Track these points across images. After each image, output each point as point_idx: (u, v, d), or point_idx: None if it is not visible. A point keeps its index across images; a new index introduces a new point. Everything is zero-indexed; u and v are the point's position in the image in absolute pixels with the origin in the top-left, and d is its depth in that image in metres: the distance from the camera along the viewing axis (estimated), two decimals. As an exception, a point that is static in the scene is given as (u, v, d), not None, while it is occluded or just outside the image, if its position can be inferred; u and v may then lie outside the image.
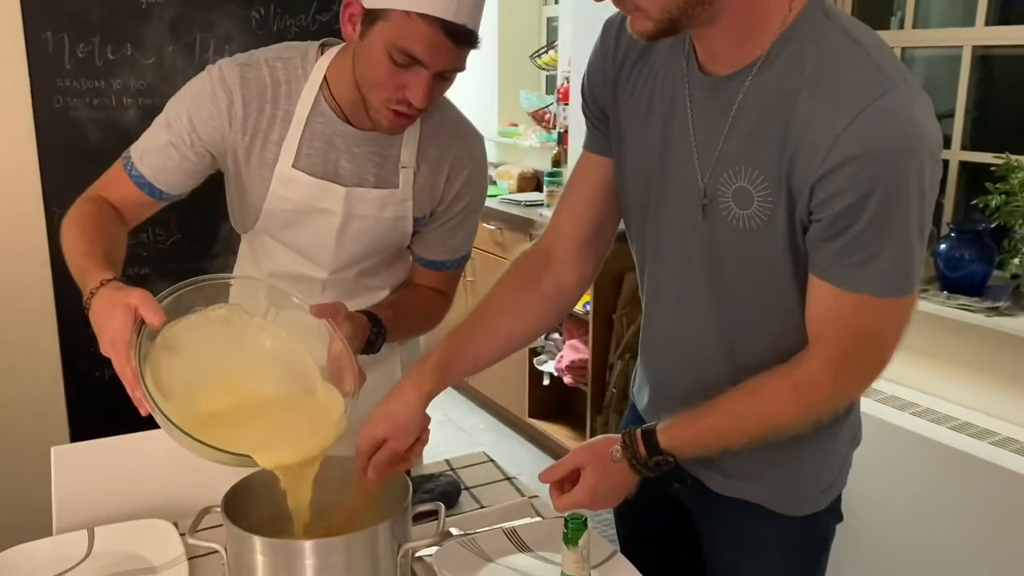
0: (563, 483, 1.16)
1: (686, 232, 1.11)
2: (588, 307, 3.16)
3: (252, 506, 1.13)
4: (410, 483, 1.12)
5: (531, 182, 4.07)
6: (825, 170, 0.93)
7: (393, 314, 1.41)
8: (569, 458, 1.16)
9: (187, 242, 2.45)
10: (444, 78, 1.25)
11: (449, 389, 1.78)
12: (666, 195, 1.12)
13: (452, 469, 1.61)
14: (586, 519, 0.98)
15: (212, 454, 1.02)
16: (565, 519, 0.98)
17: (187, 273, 1.11)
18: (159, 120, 1.37)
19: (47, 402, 2.35)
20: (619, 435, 1.16)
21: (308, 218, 1.39)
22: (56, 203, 2.28)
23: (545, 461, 3.54)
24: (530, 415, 3.63)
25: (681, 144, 1.09)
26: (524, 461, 3.55)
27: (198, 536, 1.10)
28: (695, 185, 1.07)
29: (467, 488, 1.53)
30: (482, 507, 1.47)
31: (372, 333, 1.35)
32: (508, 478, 1.60)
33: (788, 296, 1.07)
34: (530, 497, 1.50)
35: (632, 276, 3.08)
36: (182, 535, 1.30)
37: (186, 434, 1.00)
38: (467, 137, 1.45)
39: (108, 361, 1.05)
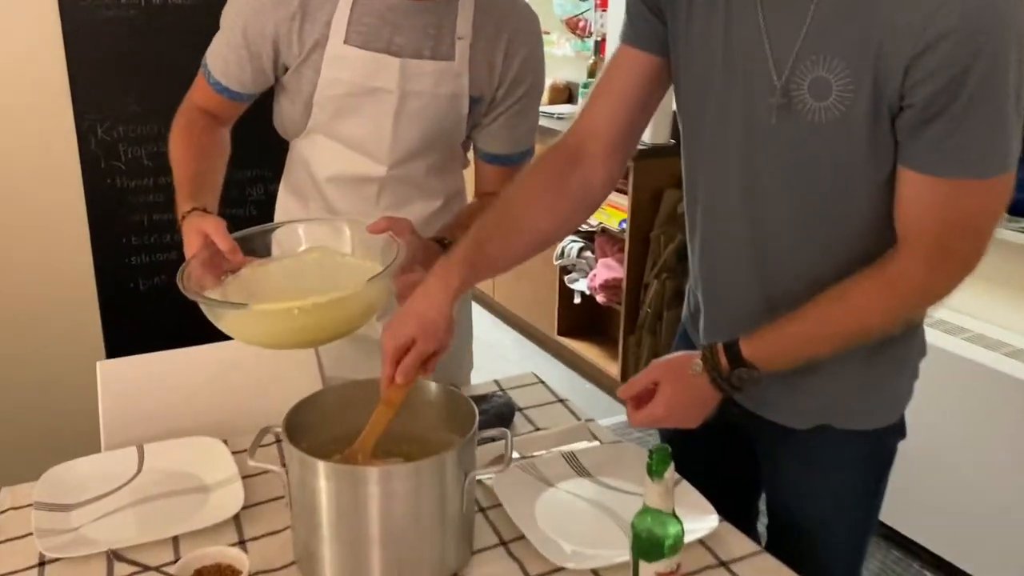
0: (640, 399, 1.13)
1: (755, 135, 1.05)
2: (624, 224, 3.08)
3: (311, 429, 1.10)
4: (476, 410, 1.07)
5: (563, 94, 3.93)
6: (920, 49, 0.90)
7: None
8: (646, 373, 1.13)
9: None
10: None
11: (474, 305, 1.75)
12: (731, 98, 1.06)
13: (502, 390, 1.58)
14: (670, 450, 0.93)
15: (257, 323, 1.12)
16: (649, 451, 0.93)
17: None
18: (221, 25, 1.40)
19: (82, 315, 2.31)
20: (698, 351, 1.12)
21: (363, 102, 1.36)
22: (86, 111, 2.21)
23: (574, 379, 3.52)
24: (559, 333, 3.59)
25: (750, 42, 1.02)
26: (553, 379, 3.47)
27: (258, 458, 1.06)
28: (769, 84, 1.01)
29: (520, 409, 1.50)
30: (537, 429, 1.44)
31: None
32: (560, 400, 1.56)
33: (862, 195, 1.03)
34: (586, 420, 1.46)
35: (672, 193, 3.05)
36: (234, 453, 1.29)
37: (215, 303, 1.12)
38: (524, 15, 1.42)
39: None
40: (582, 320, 3.57)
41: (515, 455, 1.30)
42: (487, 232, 1.15)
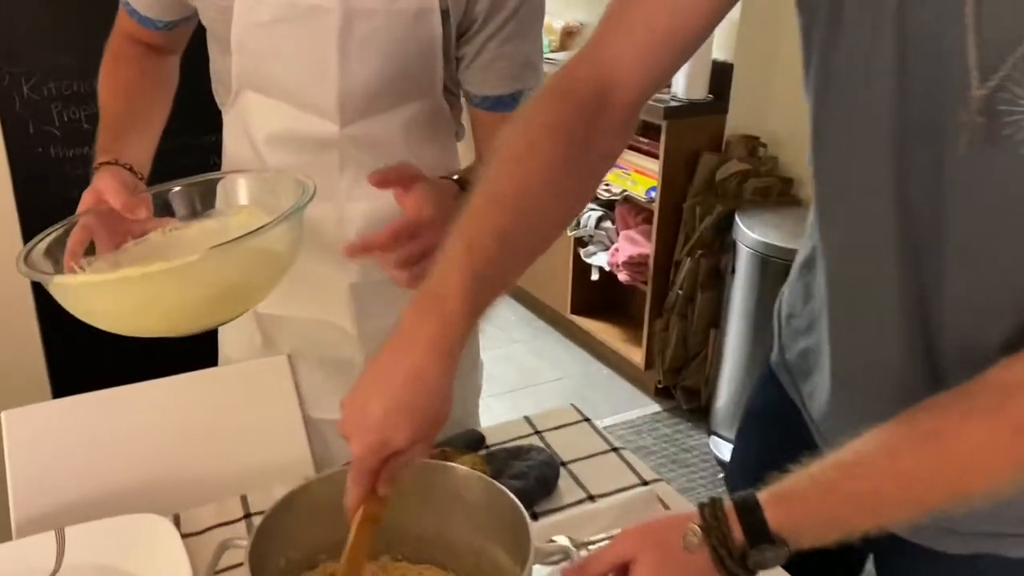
0: None
1: (926, 165, 0.72)
2: (652, 193, 2.72)
3: (293, 538, 0.79)
4: (532, 536, 0.73)
5: (578, 38, 3.54)
6: None
7: None
8: (612, 546, 0.76)
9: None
10: None
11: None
12: (893, 102, 0.71)
13: (537, 432, 1.23)
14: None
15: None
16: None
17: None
18: None
19: (14, 323, 1.95)
20: (695, 510, 0.74)
21: (295, 32, 1.03)
22: (8, 63, 1.83)
23: (590, 363, 3.20)
24: (572, 312, 3.26)
25: (940, 19, 0.67)
26: (566, 362, 3.21)
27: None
28: (961, 90, 0.67)
29: (564, 464, 1.16)
30: (589, 496, 1.10)
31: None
32: (614, 448, 1.22)
33: None
34: (651, 482, 1.12)
35: (709, 158, 2.67)
36: (185, 537, 0.98)
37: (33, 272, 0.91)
38: None
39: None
40: (599, 298, 3.23)
41: (564, 540, 0.96)
42: (488, 248, 0.76)
